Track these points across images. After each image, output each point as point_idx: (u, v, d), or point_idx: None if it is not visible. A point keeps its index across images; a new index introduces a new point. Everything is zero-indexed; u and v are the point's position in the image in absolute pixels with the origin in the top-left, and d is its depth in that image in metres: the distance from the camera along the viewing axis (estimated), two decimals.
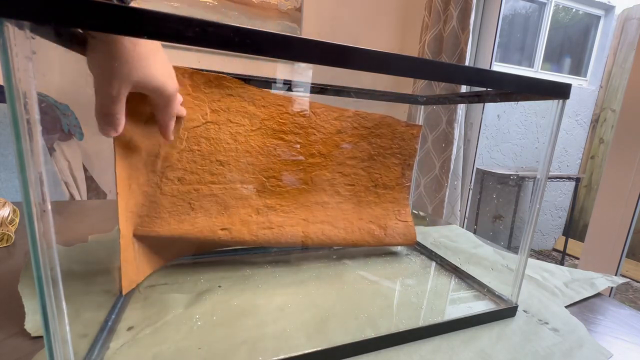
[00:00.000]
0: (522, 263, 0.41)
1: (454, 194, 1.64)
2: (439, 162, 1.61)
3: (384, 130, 0.51)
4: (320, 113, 0.48)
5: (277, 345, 0.33)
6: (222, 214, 0.44)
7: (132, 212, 0.38)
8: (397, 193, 0.55)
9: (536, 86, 0.34)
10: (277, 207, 0.47)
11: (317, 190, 0.50)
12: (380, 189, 0.54)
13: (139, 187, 0.39)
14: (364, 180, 0.53)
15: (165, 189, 0.40)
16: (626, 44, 2.50)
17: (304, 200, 0.49)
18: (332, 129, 0.48)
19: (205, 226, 0.42)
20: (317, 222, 0.49)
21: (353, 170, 0.51)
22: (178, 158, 0.40)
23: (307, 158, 0.48)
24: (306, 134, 0.47)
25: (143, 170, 0.39)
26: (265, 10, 1.58)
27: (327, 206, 0.50)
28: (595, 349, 0.36)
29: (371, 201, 0.54)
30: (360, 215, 0.52)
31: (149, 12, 0.19)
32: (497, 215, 2.42)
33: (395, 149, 0.53)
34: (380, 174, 0.53)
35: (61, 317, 0.22)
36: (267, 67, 0.45)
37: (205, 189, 0.42)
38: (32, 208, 0.20)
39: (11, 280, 0.39)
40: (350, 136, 0.50)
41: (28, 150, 0.19)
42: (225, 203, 0.44)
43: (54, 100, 1.24)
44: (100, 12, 0.18)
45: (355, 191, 0.52)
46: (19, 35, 0.18)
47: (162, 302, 0.38)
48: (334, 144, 0.49)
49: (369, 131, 0.51)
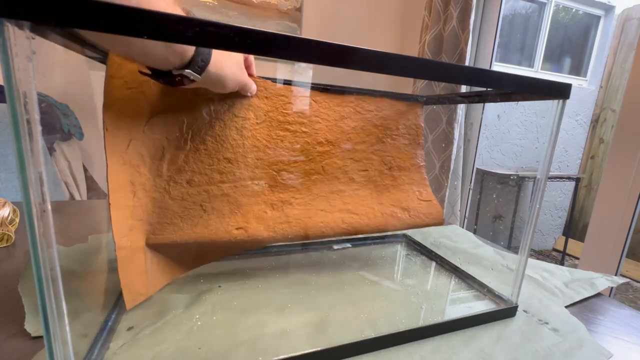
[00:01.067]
0: (522, 263, 0.41)
1: (454, 194, 1.64)
2: (439, 162, 1.61)
3: (387, 111, 0.51)
4: (322, 101, 0.47)
5: (277, 345, 0.33)
6: (235, 213, 0.42)
7: (140, 221, 0.37)
8: (413, 174, 0.54)
9: (536, 86, 0.34)
10: (292, 200, 0.46)
11: (331, 179, 0.49)
12: (395, 171, 0.53)
13: (146, 194, 0.37)
14: (377, 164, 0.51)
15: (174, 193, 0.39)
16: (626, 44, 2.50)
17: (318, 191, 0.48)
18: (336, 116, 0.48)
19: (219, 227, 0.41)
20: (336, 211, 0.48)
21: (364, 155, 0.50)
22: (184, 159, 0.39)
23: (315, 147, 0.47)
24: (311, 122, 0.46)
25: (148, 175, 0.38)
26: (265, 10, 1.58)
27: (344, 194, 0.49)
28: (595, 349, 0.36)
29: (389, 185, 0.52)
30: (379, 199, 0.51)
31: (148, 12, 0.19)
32: (497, 215, 2.42)
33: (401, 130, 0.52)
34: (392, 156, 0.52)
35: (61, 317, 0.22)
36: (268, 67, 0.45)
37: (216, 189, 0.41)
38: (32, 208, 0.20)
39: (11, 280, 0.39)
40: (354, 121, 0.49)
41: (28, 150, 0.19)
42: (238, 201, 0.43)
43: (54, 100, 1.24)
44: (99, 12, 0.18)
45: (369, 176, 0.51)
46: (19, 35, 0.18)
47: (162, 302, 0.38)
48: (340, 130, 0.48)
49: (373, 114, 0.50)
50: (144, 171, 0.37)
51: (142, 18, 0.19)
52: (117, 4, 0.19)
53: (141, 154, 0.37)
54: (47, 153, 1.19)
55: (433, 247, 0.60)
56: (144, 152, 0.37)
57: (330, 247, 0.58)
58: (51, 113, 1.24)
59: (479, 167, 2.26)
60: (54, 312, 0.22)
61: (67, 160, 1.27)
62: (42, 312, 0.21)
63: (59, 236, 0.21)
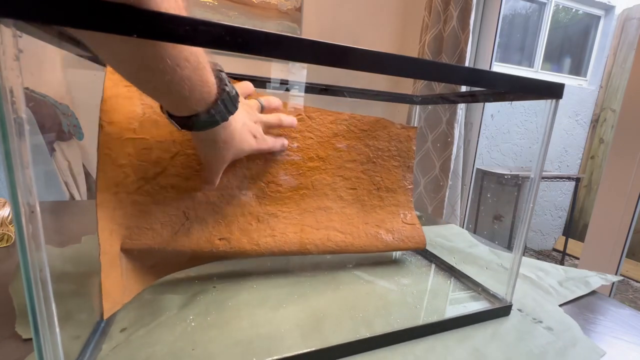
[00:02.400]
0: (517, 262, 0.41)
1: (454, 194, 1.64)
2: (439, 162, 1.61)
3: (380, 132, 0.51)
4: (316, 117, 0.47)
5: (272, 346, 0.33)
6: (219, 223, 0.41)
7: (119, 225, 0.35)
8: (400, 196, 0.54)
9: (529, 86, 0.34)
10: (278, 213, 0.45)
11: (319, 195, 0.48)
12: (383, 192, 0.53)
13: (128, 196, 0.36)
14: (366, 184, 0.51)
15: (157, 197, 0.38)
16: (626, 44, 2.50)
17: (306, 206, 0.47)
18: (328, 133, 0.48)
19: (201, 236, 0.40)
20: (322, 228, 0.47)
21: (353, 173, 0.50)
22: (172, 163, 0.38)
23: (305, 162, 0.47)
24: (303, 137, 0.46)
25: (133, 177, 0.36)
26: (265, 10, 1.58)
27: (331, 211, 0.49)
28: (588, 347, 0.36)
29: (375, 205, 0.52)
30: (365, 219, 0.51)
31: (139, 11, 0.19)
32: (497, 215, 2.41)
33: (393, 151, 0.52)
34: (382, 177, 0.52)
35: (51, 319, 0.22)
36: (266, 66, 0.45)
37: (201, 195, 0.40)
38: (20, 209, 0.20)
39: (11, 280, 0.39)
40: (346, 139, 0.49)
41: (16, 150, 0.19)
42: (223, 211, 0.42)
43: (54, 100, 1.24)
44: (88, 10, 0.18)
45: (357, 195, 0.51)
46: (6, 33, 0.18)
47: (155, 303, 0.38)
48: (332, 147, 0.48)
49: (365, 134, 0.50)
50: (129, 172, 0.36)
51: (132, 16, 0.19)
52: (107, 1, 0.18)
53: (129, 153, 0.35)
54: (48, 153, 1.19)
55: (429, 246, 0.59)
56: (132, 152, 0.36)
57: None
58: (51, 113, 1.24)
59: (479, 167, 2.26)
60: (44, 314, 0.22)
61: (67, 160, 1.27)
62: (31, 314, 0.21)
63: (53, 237, 0.21)
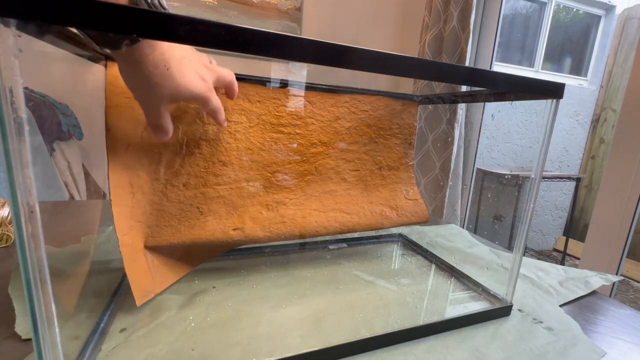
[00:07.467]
0: (517, 262, 0.40)
1: (454, 194, 1.64)
2: (439, 162, 1.60)
3: (382, 111, 0.51)
4: (317, 101, 0.48)
5: (272, 346, 0.33)
6: (231, 215, 0.43)
7: (139, 222, 0.38)
8: (402, 173, 0.55)
9: (530, 86, 0.34)
10: (286, 200, 0.47)
11: (324, 179, 0.50)
12: (385, 170, 0.54)
13: (144, 196, 0.38)
14: (368, 164, 0.53)
15: (171, 195, 0.40)
16: (627, 43, 2.50)
17: (312, 191, 0.49)
18: (330, 116, 0.49)
19: (216, 229, 0.42)
20: (329, 211, 0.49)
21: (356, 155, 0.51)
22: (180, 163, 0.40)
23: (308, 148, 0.48)
24: (305, 124, 0.47)
25: (146, 178, 0.38)
26: (265, 10, 1.58)
27: (336, 194, 0.50)
28: (588, 347, 0.36)
29: (378, 184, 0.54)
30: (369, 199, 0.53)
31: (137, 11, 0.19)
32: (498, 215, 2.41)
33: (394, 129, 0.53)
34: (383, 155, 0.53)
35: (50, 319, 0.22)
36: (267, 66, 0.45)
37: (212, 191, 0.42)
38: (19, 209, 0.20)
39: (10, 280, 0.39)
40: (348, 121, 0.50)
41: (15, 150, 0.19)
42: (234, 203, 0.44)
43: (53, 100, 1.24)
44: (86, 10, 0.18)
45: (360, 176, 0.52)
46: (5, 33, 0.18)
47: (155, 304, 0.38)
48: (334, 131, 0.49)
49: (367, 114, 0.51)
50: (142, 174, 0.38)
51: (130, 16, 0.19)
52: (104, 2, 0.18)
53: (139, 157, 0.38)
54: (47, 153, 1.19)
55: (429, 246, 0.59)
56: (142, 155, 0.38)
57: (326, 247, 0.58)
58: (51, 113, 1.24)
59: (479, 167, 2.26)
60: (43, 315, 0.22)
61: (67, 160, 1.27)
62: (31, 314, 0.21)
63: (53, 237, 0.21)
